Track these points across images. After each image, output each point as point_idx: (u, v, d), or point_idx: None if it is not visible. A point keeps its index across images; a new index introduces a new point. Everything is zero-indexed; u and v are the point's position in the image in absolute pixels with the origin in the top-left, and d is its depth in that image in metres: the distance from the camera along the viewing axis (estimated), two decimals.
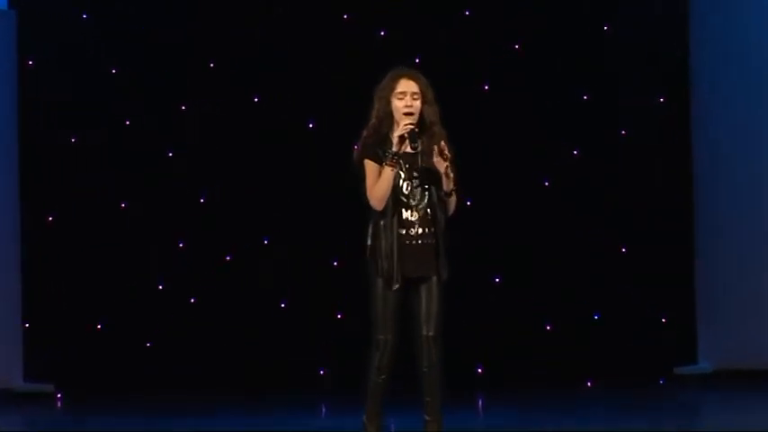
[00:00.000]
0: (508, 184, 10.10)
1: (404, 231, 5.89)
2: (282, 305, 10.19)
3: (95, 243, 9.99)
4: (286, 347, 10.00)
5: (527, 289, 10.13)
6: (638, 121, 10.31)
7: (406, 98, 5.94)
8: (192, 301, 10.14)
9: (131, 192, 10.11)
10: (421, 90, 5.97)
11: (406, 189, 5.93)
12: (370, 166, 5.92)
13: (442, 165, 5.84)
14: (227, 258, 10.19)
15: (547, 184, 10.26)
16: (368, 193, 5.91)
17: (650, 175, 10.25)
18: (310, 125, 10.22)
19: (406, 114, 5.91)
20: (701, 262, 10.25)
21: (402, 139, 5.87)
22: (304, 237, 10.06)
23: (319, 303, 10.03)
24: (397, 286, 5.85)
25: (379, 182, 5.87)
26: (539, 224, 10.13)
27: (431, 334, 5.90)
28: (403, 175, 5.92)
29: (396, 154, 5.85)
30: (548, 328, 10.19)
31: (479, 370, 10.09)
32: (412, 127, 5.87)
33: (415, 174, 5.92)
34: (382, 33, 10.22)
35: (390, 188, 5.87)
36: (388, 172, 5.85)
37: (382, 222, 5.90)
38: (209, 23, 10.19)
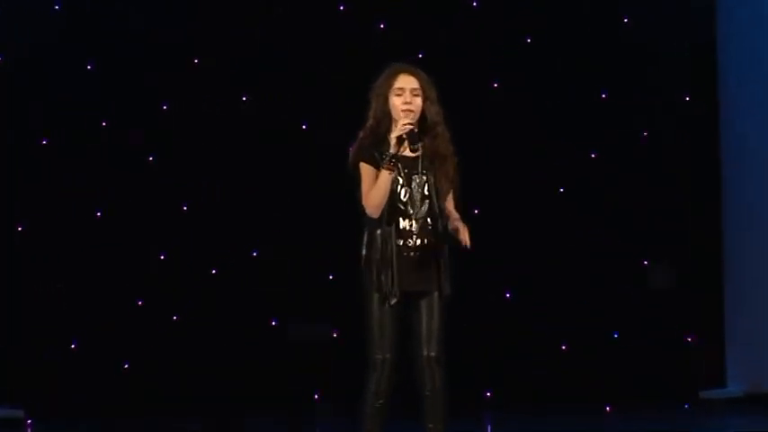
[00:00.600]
0: (519, 190, 10.06)
1: (401, 242, 5.79)
2: (273, 323, 10.14)
3: (69, 255, 9.97)
4: (277, 368, 9.95)
5: (540, 305, 10.10)
6: (662, 122, 10.27)
7: (404, 95, 5.84)
8: (175, 318, 10.09)
9: (108, 199, 10.07)
10: (421, 86, 5.87)
11: (405, 196, 5.83)
12: (365, 169, 5.81)
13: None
14: (213, 272, 10.14)
15: (561, 190, 10.20)
16: (363, 200, 5.80)
17: (674, 181, 10.20)
18: (304, 126, 10.18)
19: (405, 112, 5.82)
20: (730, 273, 10.19)
21: (400, 139, 5.75)
22: (296, 248, 10.02)
23: (313, 320, 9.97)
24: (394, 301, 5.76)
25: (375, 187, 5.76)
26: (552, 234, 10.10)
27: (433, 354, 5.80)
28: (401, 181, 5.83)
29: (394, 156, 5.75)
30: (563, 347, 10.14)
31: (488, 393, 10.05)
32: (411, 127, 5.77)
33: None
34: (382, 26, 10.19)
35: (387, 194, 5.76)
36: (386, 176, 5.74)
37: (378, 231, 5.80)
38: (191, 18, 10.18)
